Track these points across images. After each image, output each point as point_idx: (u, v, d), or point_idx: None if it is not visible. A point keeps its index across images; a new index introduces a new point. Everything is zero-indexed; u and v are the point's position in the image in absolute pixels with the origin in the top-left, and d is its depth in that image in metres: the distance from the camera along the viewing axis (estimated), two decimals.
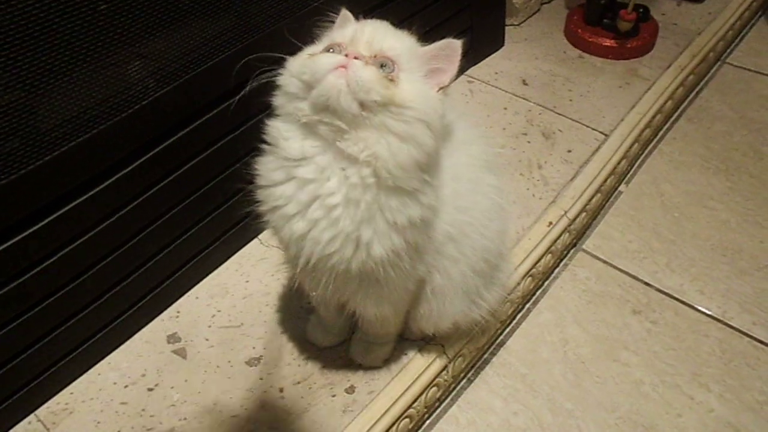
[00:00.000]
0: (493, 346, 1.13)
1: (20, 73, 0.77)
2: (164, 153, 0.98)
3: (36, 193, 0.86)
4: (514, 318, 1.17)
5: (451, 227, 0.83)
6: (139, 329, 1.07)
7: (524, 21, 1.73)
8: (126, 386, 1.00)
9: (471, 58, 1.56)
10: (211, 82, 1.01)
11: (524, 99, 1.50)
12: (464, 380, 1.09)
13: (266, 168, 0.78)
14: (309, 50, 0.76)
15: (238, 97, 0.77)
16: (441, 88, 0.75)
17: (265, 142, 0.78)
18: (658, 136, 1.51)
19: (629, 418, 1.04)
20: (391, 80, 0.70)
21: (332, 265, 0.77)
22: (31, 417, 0.97)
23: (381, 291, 0.82)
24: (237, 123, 1.09)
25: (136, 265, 1.03)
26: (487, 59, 1.60)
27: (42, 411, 0.98)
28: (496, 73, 1.57)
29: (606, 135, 1.39)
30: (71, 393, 1.00)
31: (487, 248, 0.89)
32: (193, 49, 0.97)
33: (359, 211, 0.73)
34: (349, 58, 0.70)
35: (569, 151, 1.37)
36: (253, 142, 0.77)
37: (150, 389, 1.00)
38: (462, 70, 1.52)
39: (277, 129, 0.76)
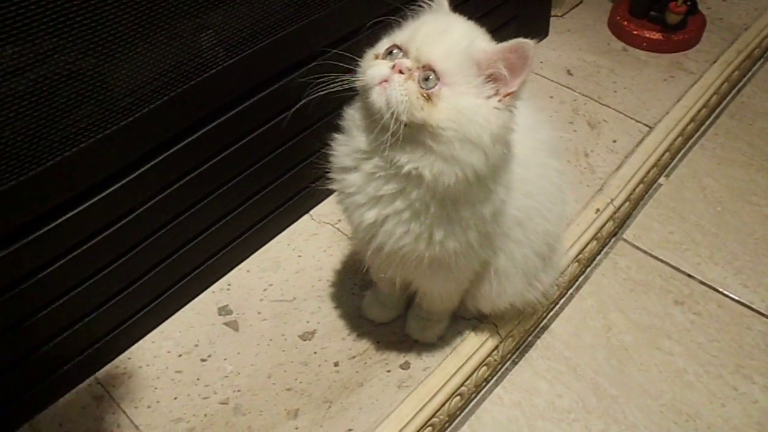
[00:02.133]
0: (538, 329, 1.12)
1: (96, 40, 0.76)
2: (224, 126, 0.97)
3: (103, 162, 0.85)
4: (557, 302, 1.16)
5: (519, 212, 0.82)
6: (191, 300, 1.07)
7: (567, 12, 1.70)
8: (180, 355, 0.99)
9: None
10: (279, 54, 0.99)
11: (569, 89, 1.47)
12: (509, 362, 1.07)
13: (339, 150, 0.77)
14: (378, 47, 0.72)
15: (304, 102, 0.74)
16: (507, 96, 0.68)
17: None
18: (700, 131, 1.48)
19: (673, 405, 1.02)
20: (428, 99, 0.66)
21: (404, 254, 0.77)
22: (91, 379, 0.97)
23: (449, 274, 0.81)
24: (295, 100, 1.07)
25: (188, 238, 1.02)
26: None
27: (102, 374, 0.98)
28: (541, 62, 1.54)
29: (650, 127, 1.37)
30: (129, 358, 1.00)
31: (549, 232, 0.88)
32: (262, 19, 0.94)
33: (428, 218, 0.73)
34: (393, 72, 0.68)
35: (614, 141, 1.34)
36: (311, 121, 0.77)
37: (203, 360, 0.99)
38: None
39: (351, 117, 0.75)
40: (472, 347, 0.98)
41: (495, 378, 1.05)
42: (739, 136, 1.47)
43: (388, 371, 0.96)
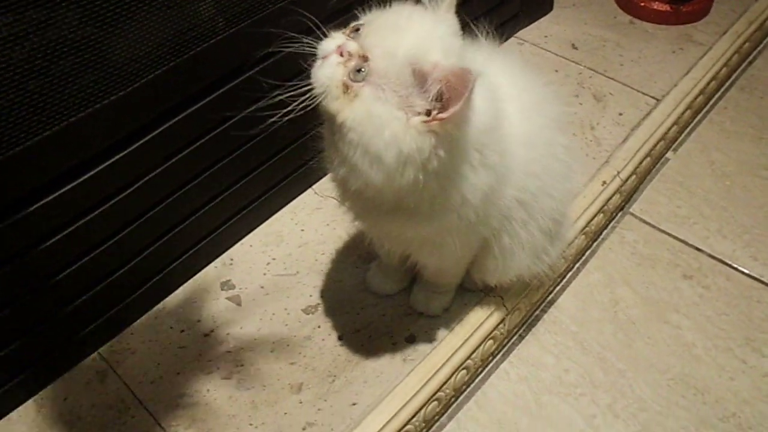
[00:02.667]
0: (544, 303, 1.10)
1: (93, 8, 0.73)
2: (222, 97, 0.94)
3: (108, 130, 0.83)
4: (564, 276, 1.14)
5: (521, 193, 0.78)
6: (193, 275, 1.05)
7: None
8: (182, 331, 0.98)
9: (520, 20, 1.50)
10: (278, 24, 0.96)
11: (574, 62, 1.44)
12: (516, 336, 1.05)
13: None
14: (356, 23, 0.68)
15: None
16: (435, 120, 0.61)
17: None
18: (709, 104, 1.44)
19: (681, 379, 1.00)
20: (346, 91, 0.62)
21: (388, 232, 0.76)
22: (95, 355, 0.96)
23: (442, 250, 0.78)
24: (295, 71, 1.05)
25: (189, 212, 1.00)
26: (536, 23, 1.54)
27: (105, 350, 0.96)
28: (546, 36, 1.51)
29: (657, 100, 1.34)
30: (131, 334, 0.98)
31: (555, 208, 0.84)
32: None
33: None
34: (335, 51, 0.64)
35: (620, 114, 1.31)
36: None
37: (206, 335, 0.97)
38: (512, 33, 1.49)
39: None
40: (478, 320, 0.96)
41: (501, 353, 1.03)
42: (749, 109, 1.44)
43: (393, 344, 0.94)
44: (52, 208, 0.81)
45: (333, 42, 0.65)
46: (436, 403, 0.91)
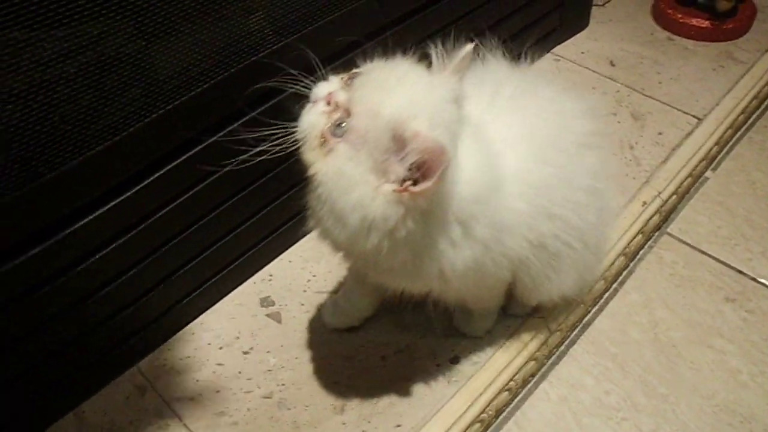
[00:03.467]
0: (582, 324, 1.07)
1: (143, 21, 0.73)
2: (268, 111, 0.92)
3: (146, 149, 0.82)
4: (602, 296, 1.11)
5: (536, 238, 0.74)
6: (231, 291, 1.04)
7: (609, 1, 1.64)
8: (221, 348, 0.97)
9: (557, 36, 1.48)
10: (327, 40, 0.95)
11: (612, 80, 1.42)
12: (554, 356, 1.03)
13: None
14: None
15: None
16: (406, 191, 0.58)
17: None
18: (748, 123, 1.41)
19: (727, 406, 0.97)
20: (323, 144, 0.60)
21: None
22: (134, 369, 0.95)
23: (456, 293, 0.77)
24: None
25: (229, 228, 0.99)
26: (572, 39, 1.52)
27: (144, 364, 0.96)
28: (582, 52, 1.49)
29: (699, 119, 1.31)
30: (169, 350, 0.97)
31: (586, 231, 0.80)
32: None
33: None
34: (324, 98, 0.62)
35: (660, 134, 1.29)
36: None
37: (245, 352, 0.96)
38: (548, 48, 1.48)
39: None
40: (522, 341, 0.95)
41: (540, 372, 1.01)
42: None
43: (437, 365, 0.93)
44: (95, 226, 0.80)
45: (326, 88, 0.64)
46: (479, 425, 0.89)
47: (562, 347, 1.04)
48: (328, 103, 0.62)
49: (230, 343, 0.97)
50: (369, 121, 0.59)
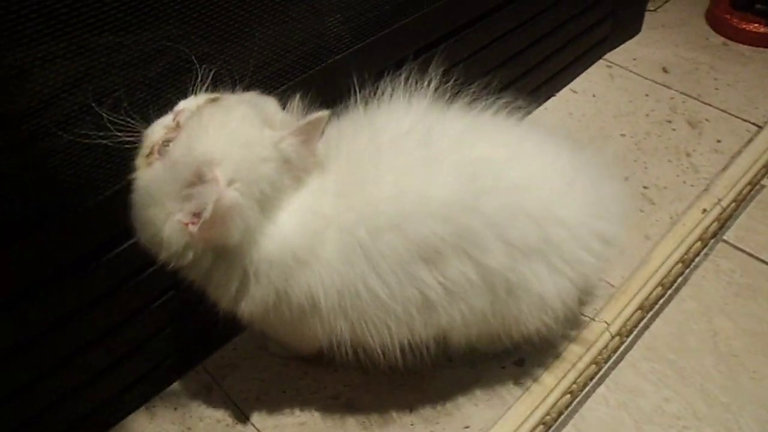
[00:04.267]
0: (638, 329, 1.06)
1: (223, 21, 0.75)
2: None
3: None
4: (657, 302, 1.10)
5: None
6: None
7: (661, 6, 1.62)
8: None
9: (609, 43, 1.47)
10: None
11: (665, 86, 1.40)
12: (611, 361, 1.02)
13: None
14: None
15: None
16: (191, 224, 0.60)
17: None
18: None
19: None
20: (148, 155, 0.63)
21: None
22: (199, 368, 0.97)
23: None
24: None
25: None
26: (624, 45, 1.50)
27: (209, 364, 0.97)
28: (634, 59, 1.47)
29: (759, 126, 1.28)
30: (234, 349, 0.99)
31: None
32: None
33: None
34: (179, 107, 0.65)
35: (719, 141, 1.27)
36: None
37: None
38: (600, 55, 1.46)
39: None
40: (585, 345, 0.95)
41: (598, 376, 1.00)
42: None
43: (502, 368, 0.93)
44: None
45: (187, 103, 0.65)
46: (542, 427, 0.89)
47: (618, 352, 1.03)
48: (174, 119, 0.64)
49: None
50: (183, 151, 0.61)
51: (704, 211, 1.12)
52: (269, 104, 0.69)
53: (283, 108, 0.70)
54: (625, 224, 0.82)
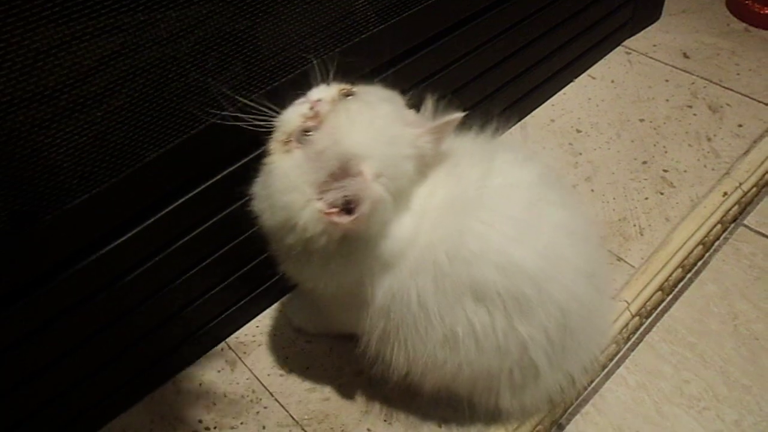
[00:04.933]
0: (657, 311, 1.05)
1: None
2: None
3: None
4: (677, 285, 1.09)
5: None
6: None
7: None
8: None
9: (629, 29, 1.45)
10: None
11: (686, 72, 1.39)
12: (630, 342, 1.02)
13: None
14: None
15: None
16: (329, 214, 0.62)
17: None
18: None
19: None
20: (285, 142, 0.63)
21: None
22: (223, 344, 0.98)
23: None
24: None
25: None
26: (644, 31, 1.49)
27: (232, 340, 0.98)
28: (654, 45, 1.45)
29: None
30: (257, 326, 0.99)
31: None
32: None
33: None
34: (311, 102, 0.66)
35: (740, 126, 1.25)
36: None
37: None
38: (619, 41, 1.45)
39: None
40: None
41: (617, 357, 1.00)
42: None
43: None
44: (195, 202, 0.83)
45: (319, 93, 0.67)
46: (562, 405, 0.89)
47: (638, 333, 1.03)
48: (311, 108, 0.65)
49: None
50: (326, 143, 0.62)
51: (725, 194, 1.11)
52: (400, 100, 0.71)
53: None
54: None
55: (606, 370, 0.99)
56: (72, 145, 0.66)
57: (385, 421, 0.87)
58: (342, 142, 0.62)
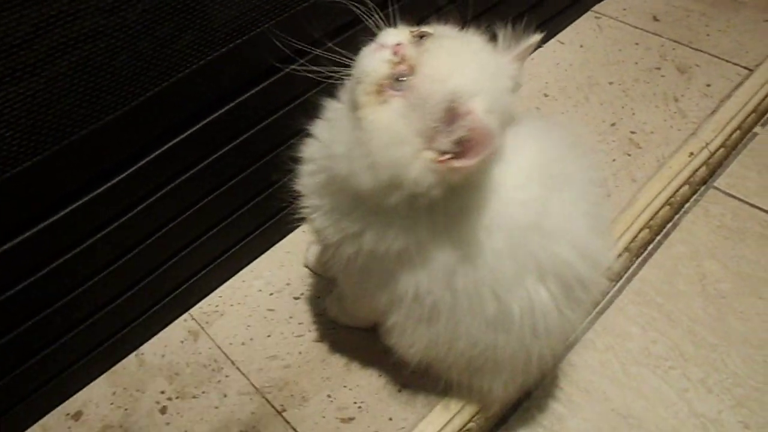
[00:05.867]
0: (627, 274, 1.04)
1: None
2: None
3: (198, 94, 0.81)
4: (646, 247, 1.07)
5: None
6: (281, 239, 1.03)
7: None
8: (271, 294, 0.96)
9: None
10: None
11: (656, 35, 1.35)
12: (598, 306, 0.99)
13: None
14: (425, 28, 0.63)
15: None
16: (444, 162, 0.56)
17: None
18: None
19: None
20: (379, 93, 0.57)
21: None
22: (186, 315, 0.95)
23: None
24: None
25: (269, 182, 0.97)
26: None
27: (195, 311, 0.95)
28: (624, 9, 1.42)
29: (750, 70, 1.24)
30: (219, 296, 0.97)
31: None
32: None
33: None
34: (392, 46, 0.59)
35: (708, 86, 1.22)
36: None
37: (296, 298, 0.95)
38: (588, 6, 1.42)
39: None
40: None
41: (586, 322, 0.98)
42: None
43: None
44: (145, 173, 0.80)
45: (395, 37, 0.60)
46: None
47: (607, 297, 1.01)
48: (395, 53, 0.59)
49: (281, 289, 0.96)
50: (431, 86, 0.56)
51: (691, 154, 1.09)
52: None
53: None
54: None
55: (574, 336, 0.97)
56: None
57: (345, 387, 0.85)
58: (446, 83, 0.56)
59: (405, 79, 0.57)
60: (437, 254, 0.63)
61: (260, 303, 0.95)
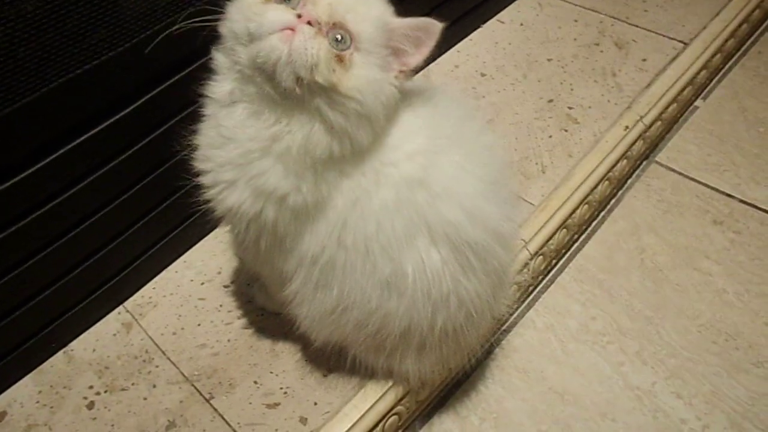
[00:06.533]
0: (569, 252, 1.03)
1: None
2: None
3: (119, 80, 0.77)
4: (589, 224, 1.06)
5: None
6: (213, 229, 1.00)
7: None
8: (203, 283, 0.94)
9: None
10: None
11: (595, 11, 1.35)
12: (540, 284, 0.99)
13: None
14: None
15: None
16: (402, 72, 0.61)
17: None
18: (742, 50, 1.33)
19: (712, 325, 0.92)
20: (341, 61, 0.56)
21: None
22: (120, 308, 0.92)
23: None
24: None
25: None
26: None
27: (129, 303, 0.93)
28: None
29: (685, 44, 1.23)
30: (153, 288, 0.94)
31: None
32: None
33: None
34: (300, 22, 0.55)
35: (644, 60, 1.22)
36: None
37: (226, 286, 0.93)
38: None
39: (218, 62, 0.62)
40: None
41: (527, 301, 0.97)
42: None
43: None
44: (72, 158, 0.77)
45: (285, 12, 0.56)
46: None
47: (549, 275, 1.00)
48: (310, 24, 0.56)
49: (212, 278, 0.94)
50: (367, 26, 0.58)
51: (626, 128, 1.07)
52: None
53: None
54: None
55: (515, 315, 0.96)
56: None
57: (271, 373, 0.83)
58: (372, 15, 0.59)
59: (341, 36, 0.57)
60: (333, 202, 0.63)
61: (192, 292, 0.93)
